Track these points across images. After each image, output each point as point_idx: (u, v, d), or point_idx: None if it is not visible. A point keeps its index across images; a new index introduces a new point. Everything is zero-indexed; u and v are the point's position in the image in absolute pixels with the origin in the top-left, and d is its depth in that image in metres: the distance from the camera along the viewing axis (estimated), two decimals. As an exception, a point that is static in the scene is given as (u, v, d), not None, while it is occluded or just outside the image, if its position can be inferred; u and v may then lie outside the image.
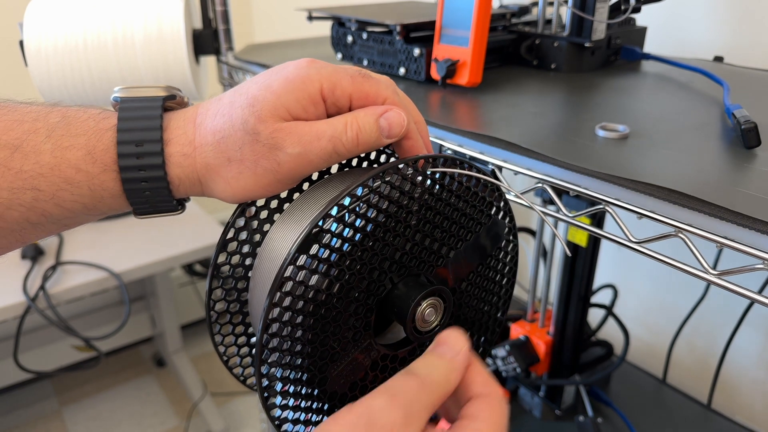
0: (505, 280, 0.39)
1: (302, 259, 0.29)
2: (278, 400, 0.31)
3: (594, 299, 0.84)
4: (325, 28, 0.84)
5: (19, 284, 1.15)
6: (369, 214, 0.30)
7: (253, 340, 0.37)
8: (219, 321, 0.36)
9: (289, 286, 0.28)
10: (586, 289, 0.78)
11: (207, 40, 0.80)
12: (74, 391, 1.73)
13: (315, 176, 0.37)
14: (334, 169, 0.37)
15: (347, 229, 0.29)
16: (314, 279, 0.29)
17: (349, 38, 0.71)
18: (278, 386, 0.31)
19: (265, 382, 0.30)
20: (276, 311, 0.28)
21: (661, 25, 0.81)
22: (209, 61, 0.86)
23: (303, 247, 0.28)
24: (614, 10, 0.67)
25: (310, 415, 0.32)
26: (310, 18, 0.74)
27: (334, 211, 0.29)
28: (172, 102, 0.34)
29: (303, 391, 0.32)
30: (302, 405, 0.32)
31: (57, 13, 0.70)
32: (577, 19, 0.65)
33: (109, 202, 0.32)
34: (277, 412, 0.31)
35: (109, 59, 0.71)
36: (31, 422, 1.61)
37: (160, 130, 0.32)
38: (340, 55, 0.73)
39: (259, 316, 0.28)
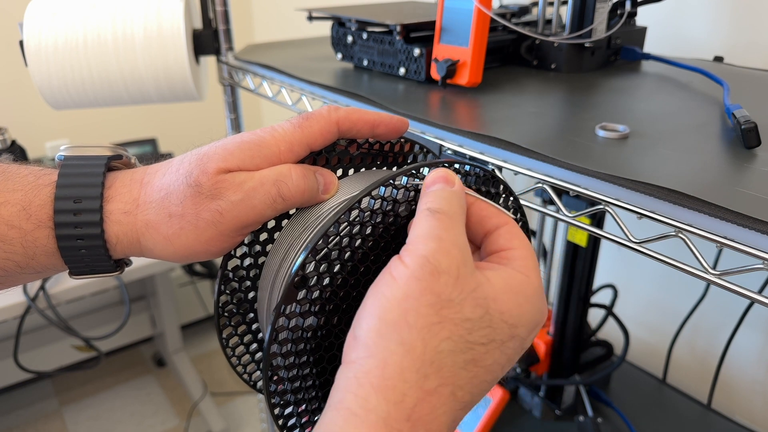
0: None
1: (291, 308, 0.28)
2: (289, 409, 0.31)
3: (594, 299, 0.84)
4: (325, 28, 0.84)
5: (19, 284, 1.15)
6: (356, 244, 0.28)
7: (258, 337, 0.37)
8: (231, 322, 0.36)
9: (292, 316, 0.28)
10: (586, 289, 0.78)
11: (207, 40, 0.80)
12: (74, 391, 1.73)
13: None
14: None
15: (337, 264, 0.28)
16: (310, 320, 0.29)
17: (349, 38, 0.71)
18: (290, 398, 0.31)
19: (274, 391, 0.30)
20: (282, 320, 0.28)
21: (661, 25, 0.81)
22: (209, 61, 0.86)
23: (288, 296, 0.27)
24: (613, 10, 0.67)
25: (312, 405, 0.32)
26: (310, 18, 0.74)
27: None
28: (118, 162, 0.33)
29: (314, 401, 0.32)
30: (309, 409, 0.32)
31: (57, 13, 0.70)
32: (577, 20, 0.65)
33: (43, 261, 0.31)
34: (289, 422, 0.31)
35: (109, 60, 0.71)
36: (31, 422, 1.61)
37: (100, 187, 0.31)
38: (340, 55, 0.73)
39: (265, 320, 0.28)
